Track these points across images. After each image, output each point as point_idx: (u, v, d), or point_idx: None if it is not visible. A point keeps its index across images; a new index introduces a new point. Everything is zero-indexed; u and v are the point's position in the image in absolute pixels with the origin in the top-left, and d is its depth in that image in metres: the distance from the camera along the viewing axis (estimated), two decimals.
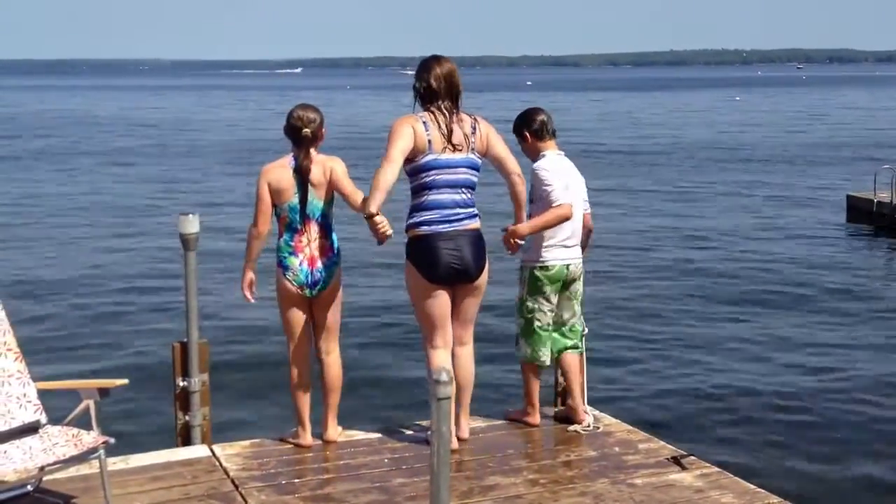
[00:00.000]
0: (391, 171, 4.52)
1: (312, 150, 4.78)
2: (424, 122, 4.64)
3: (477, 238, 4.77)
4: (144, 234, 16.10)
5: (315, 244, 4.80)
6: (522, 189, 4.88)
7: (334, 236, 4.88)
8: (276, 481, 4.51)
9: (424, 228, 4.68)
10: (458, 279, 4.75)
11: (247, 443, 5.00)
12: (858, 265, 14.14)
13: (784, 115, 51.04)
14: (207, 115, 55.73)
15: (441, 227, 4.67)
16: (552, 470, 4.72)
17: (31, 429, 4.08)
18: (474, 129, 4.72)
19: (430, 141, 4.61)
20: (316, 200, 4.78)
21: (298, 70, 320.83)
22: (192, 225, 4.99)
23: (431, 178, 4.65)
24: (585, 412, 5.32)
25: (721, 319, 10.82)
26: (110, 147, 33.68)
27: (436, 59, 4.77)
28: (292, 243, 4.80)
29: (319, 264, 4.81)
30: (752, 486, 4.50)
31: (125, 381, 4.29)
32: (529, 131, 5.17)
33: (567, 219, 5.00)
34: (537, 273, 5.11)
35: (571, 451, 5.00)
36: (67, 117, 51.99)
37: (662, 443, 5.10)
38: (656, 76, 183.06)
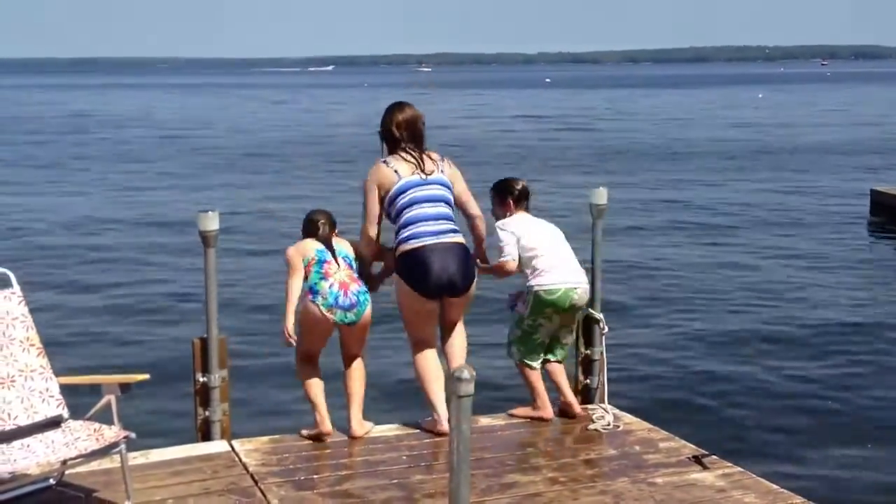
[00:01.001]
0: (371, 229, 4.94)
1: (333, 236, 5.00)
2: (385, 161, 4.91)
3: (463, 252, 4.93)
4: (164, 231, 16.17)
5: (344, 273, 4.89)
6: (482, 227, 5.18)
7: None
8: (296, 477, 4.52)
9: (412, 242, 4.84)
10: (446, 294, 4.91)
11: (266, 438, 5.03)
12: (882, 262, 14.00)
13: (808, 112, 50.62)
14: (228, 113, 55.92)
15: (428, 239, 4.82)
16: (572, 468, 4.71)
17: (53, 423, 4.12)
18: (442, 160, 5.02)
19: (396, 171, 4.86)
20: (343, 249, 4.95)
21: (330, 68, 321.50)
22: (211, 222, 5.01)
23: (408, 197, 4.86)
24: (584, 407, 5.44)
25: (742, 318, 10.74)
26: (127, 147, 33.86)
27: (398, 107, 5.06)
28: (322, 270, 4.86)
29: (353, 288, 4.87)
30: (774, 487, 4.48)
31: (146, 376, 4.32)
32: (512, 198, 5.36)
33: (509, 273, 5.24)
34: (543, 297, 5.18)
35: (591, 449, 4.99)
36: (88, 117, 52.31)
37: (683, 442, 5.08)
38: (677, 73, 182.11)
